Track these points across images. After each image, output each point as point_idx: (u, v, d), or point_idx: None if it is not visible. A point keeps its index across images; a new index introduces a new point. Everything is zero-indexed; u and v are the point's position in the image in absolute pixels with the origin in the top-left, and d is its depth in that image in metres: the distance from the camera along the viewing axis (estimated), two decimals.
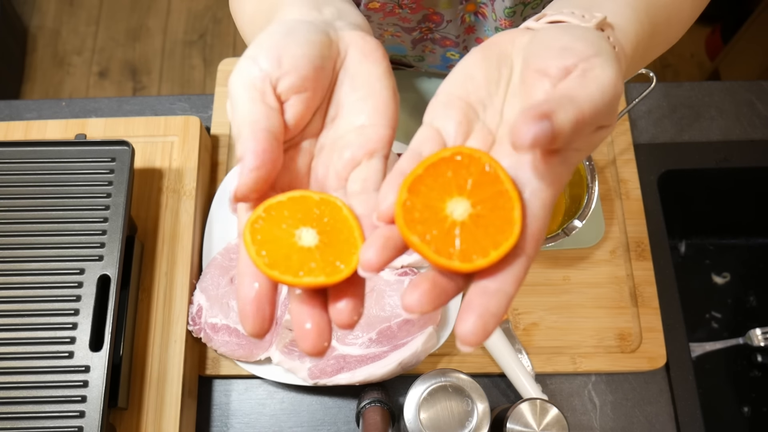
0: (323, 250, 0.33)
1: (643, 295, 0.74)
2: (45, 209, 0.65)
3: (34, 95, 1.91)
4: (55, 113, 0.84)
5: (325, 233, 0.34)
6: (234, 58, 0.86)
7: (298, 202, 0.35)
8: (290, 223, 0.34)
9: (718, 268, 0.96)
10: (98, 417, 0.57)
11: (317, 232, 0.34)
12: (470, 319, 0.30)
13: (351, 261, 0.33)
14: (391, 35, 0.73)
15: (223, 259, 0.72)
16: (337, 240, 0.34)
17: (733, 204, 0.90)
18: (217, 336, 0.68)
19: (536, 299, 0.74)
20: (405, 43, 0.74)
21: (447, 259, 0.31)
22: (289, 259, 0.33)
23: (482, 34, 0.72)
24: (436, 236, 0.31)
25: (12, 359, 0.59)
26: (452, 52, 0.76)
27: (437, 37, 0.73)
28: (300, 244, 0.33)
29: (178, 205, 0.72)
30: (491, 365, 0.71)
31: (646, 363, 0.71)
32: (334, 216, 0.34)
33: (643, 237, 0.77)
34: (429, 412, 0.58)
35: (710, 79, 1.82)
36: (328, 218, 0.34)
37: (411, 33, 0.72)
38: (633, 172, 0.80)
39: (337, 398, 0.71)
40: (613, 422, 0.71)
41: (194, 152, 0.74)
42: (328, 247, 0.33)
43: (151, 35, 2.00)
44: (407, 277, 0.70)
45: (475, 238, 0.31)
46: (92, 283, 0.62)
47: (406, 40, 0.74)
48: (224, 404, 0.71)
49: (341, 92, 0.39)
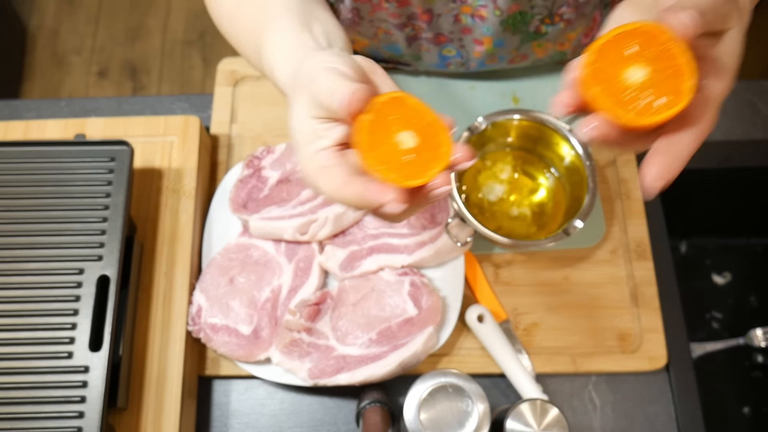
0: (419, 151, 0.40)
1: (643, 296, 0.74)
2: (44, 209, 0.65)
3: (34, 95, 1.91)
4: (54, 113, 0.84)
5: (421, 136, 0.40)
6: (233, 58, 0.86)
7: (398, 104, 0.41)
8: (393, 127, 0.41)
9: (718, 268, 0.96)
10: (98, 417, 0.57)
11: (415, 134, 0.40)
12: (656, 163, 0.37)
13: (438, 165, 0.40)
14: (384, 33, 0.73)
15: (223, 259, 0.72)
16: (431, 143, 0.40)
17: (734, 204, 0.90)
18: (217, 336, 0.68)
19: (536, 299, 0.74)
20: (399, 41, 0.74)
21: (623, 113, 0.37)
22: (392, 159, 0.40)
23: (480, 35, 0.72)
24: (617, 96, 0.37)
25: (11, 359, 0.59)
26: (449, 49, 0.75)
27: (431, 36, 0.73)
28: (400, 146, 0.40)
29: (178, 205, 0.72)
30: (491, 365, 0.71)
31: (646, 363, 0.71)
32: (427, 120, 0.41)
33: (643, 237, 0.77)
34: (429, 412, 0.58)
35: None
36: (422, 122, 0.41)
37: (403, 30, 0.72)
38: (633, 172, 0.80)
39: (337, 398, 0.71)
40: (613, 422, 0.70)
41: (194, 152, 0.74)
42: (423, 150, 0.40)
43: (151, 35, 2.00)
44: (407, 277, 0.70)
45: (652, 95, 0.37)
46: (92, 284, 0.62)
47: (399, 39, 0.73)
48: (224, 404, 0.71)
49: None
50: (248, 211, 0.72)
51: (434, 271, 0.72)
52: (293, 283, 0.70)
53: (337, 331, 0.68)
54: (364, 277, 0.71)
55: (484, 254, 0.76)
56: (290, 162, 0.76)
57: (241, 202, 0.73)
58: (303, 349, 0.67)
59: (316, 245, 0.72)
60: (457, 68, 0.80)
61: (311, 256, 0.72)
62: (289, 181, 0.75)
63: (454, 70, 0.81)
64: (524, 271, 0.76)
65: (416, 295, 0.69)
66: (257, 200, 0.74)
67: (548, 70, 0.84)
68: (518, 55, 0.77)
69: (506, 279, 0.75)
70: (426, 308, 0.68)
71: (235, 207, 0.73)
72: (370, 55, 0.81)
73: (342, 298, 0.70)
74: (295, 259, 0.72)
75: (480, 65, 0.79)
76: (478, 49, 0.74)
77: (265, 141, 0.81)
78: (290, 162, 0.76)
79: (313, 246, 0.72)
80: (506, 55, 0.76)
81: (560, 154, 0.75)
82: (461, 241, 0.70)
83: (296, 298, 0.70)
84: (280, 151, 0.76)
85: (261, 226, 0.71)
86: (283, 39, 0.52)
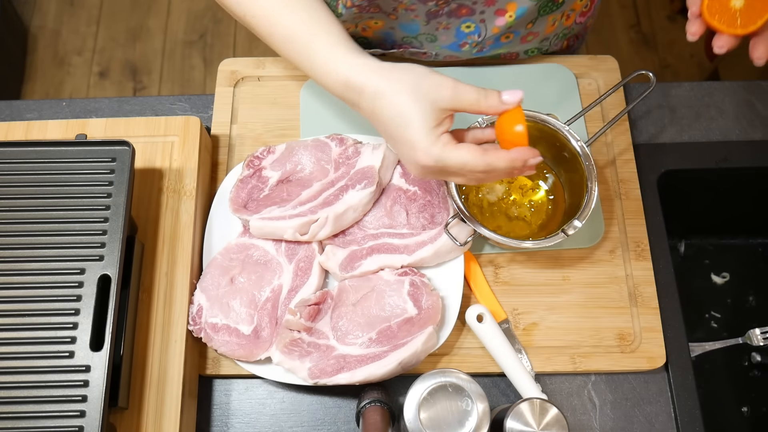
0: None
1: (642, 295, 0.74)
2: (45, 209, 0.65)
3: (35, 95, 1.91)
4: (55, 113, 0.84)
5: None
6: (234, 59, 0.86)
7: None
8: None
9: (717, 268, 0.96)
10: (98, 417, 0.57)
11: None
12: (760, 45, 0.60)
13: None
14: (405, 8, 0.73)
15: (224, 259, 0.72)
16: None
17: (733, 204, 0.90)
18: (218, 336, 0.68)
19: (536, 299, 0.75)
20: (419, 17, 0.74)
21: (733, 29, 0.59)
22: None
23: (503, 4, 0.73)
24: (725, 17, 0.59)
25: (12, 359, 0.59)
26: (468, 23, 0.76)
27: (453, 8, 0.73)
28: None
29: (179, 205, 0.72)
30: (491, 365, 0.71)
31: (645, 363, 0.71)
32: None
33: (642, 237, 0.77)
34: (429, 411, 0.58)
35: (710, 79, 1.82)
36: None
37: (426, 3, 0.72)
38: (633, 172, 0.80)
39: (337, 398, 0.71)
40: (612, 422, 0.71)
41: (194, 152, 0.75)
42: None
43: (152, 35, 2.00)
44: (407, 277, 0.70)
45: (748, 15, 0.59)
46: (93, 283, 0.62)
47: (420, 13, 0.74)
48: (224, 404, 0.71)
49: None
50: (248, 211, 0.73)
51: (434, 271, 0.73)
52: (293, 283, 0.71)
53: (337, 330, 0.69)
54: (364, 277, 0.71)
55: (484, 254, 0.76)
56: (290, 162, 0.76)
57: (242, 202, 0.73)
58: (303, 348, 0.67)
59: (316, 245, 0.72)
60: (470, 50, 0.81)
61: (311, 256, 0.72)
62: (290, 181, 0.76)
63: (467, 53, 0.81)
64: (524, 271, 0.76)
65: (416, 295, 0.69)
66: (257, 200, 0.74)
67: (548, 71, 0.85)
68: (530, 32, 0.79)
69: (506, 279, 0.75)
70: (426, 308, 0.68)
71: (235, 207, 0.73)
72: (382, 39, 0.82)
73: (342, 298, 0.70)
74: (295, 259, 0.72)
75: (495, 45, 0.80)
76: (499, 22, 0.76)
77: (266, 141, 0.82)
78: (290, 162, 0.76)
79: (314, 246, 0.72)
80: (521, 30, 0.78)
81: (560, 154, 0.75)
82: (461, 241, 0.70)
83: (296, 298, 0.70)
84: (281, 151, 0.77)
85: (261, 226, 0.71)
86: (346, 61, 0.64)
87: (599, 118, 0.83)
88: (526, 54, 0.85)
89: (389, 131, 0.61)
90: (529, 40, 0.82)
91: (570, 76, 0.85)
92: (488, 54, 0.82)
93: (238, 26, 1.98)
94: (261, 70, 0.86)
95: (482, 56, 0.82)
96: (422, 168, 0.60)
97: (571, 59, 0.86)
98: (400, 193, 0.74)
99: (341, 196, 0.72)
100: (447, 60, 0.84)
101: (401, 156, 0.62)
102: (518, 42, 0.81)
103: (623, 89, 0.85)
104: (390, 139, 0.62)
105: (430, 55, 0.83)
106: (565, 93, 0.84)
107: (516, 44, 0.82)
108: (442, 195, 0.74)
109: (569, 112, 0.80)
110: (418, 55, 0.83)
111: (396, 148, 0.62)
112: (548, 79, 0.84)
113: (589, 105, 0.73)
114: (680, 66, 1.94)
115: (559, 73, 0.85)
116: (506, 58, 0.85)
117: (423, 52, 0.83)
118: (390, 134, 0.61)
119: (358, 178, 0.72)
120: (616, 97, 0.84)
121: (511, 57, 0.85)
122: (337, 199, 0.71)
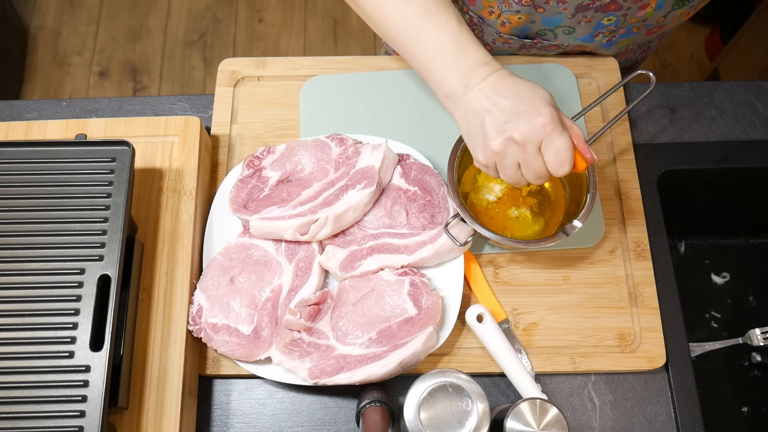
0: None
1: (642, 295, 0.74)
2: (45, 209, 0.65)
3: (35, 95, 1.91)
4: (55, 113, 0.84)
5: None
6: (234, 59, 0.86)
7: None
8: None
9: (717, 268, 0.96)
10: (98, 417, 0.57)
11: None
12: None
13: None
14: (558, 1, 0.75)
15: (223, 259, 0.72)
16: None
17: (733, 204, 0.90)
18: (218, 336, 0.68)
19: (536, 299, 0.75)
20: (569, 9, 0.76)
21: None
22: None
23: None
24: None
25: (13, 359, 0.59)
26: (610, 17, 0.77)
27: (605, 3, 0.74)
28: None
29: (179, 205, 0.72)
30: (491, 365, 0.71)
31: (645, 363, 0.71)
32: None
33: (642, 237, 0.77)
34: (429, 411, 0.58)
35: (710, 79, 1.82)
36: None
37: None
38: (633, 172, 0.80)
39: (337, 398, 0.71)
40: (612, 422, 0.71)
41: (194, 152, 0.75)
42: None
43: (152, 35, 2.00)
44: (407, 277, 0.70)
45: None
46: (93, 283, 0.62)
47: (570, 6, 0.75)
48: (224, 404, 0.71)
49: None
50: (248, 211, 0.73)
51: (434, 271, 0.73)
52: (293, 283, 0.71)
53: (337, 330, 0.69)
54: (364, 277, 0.71)
55: (484, 254, 0.76)
56: (290, 162, 0.76)
57: (242, 202, 0.73)
58: (303, 348, 0.67)
59: (316, 245, 0.72)
60: (601, 39, 0.82)
61: (311, 256, 0.72)
62: (290, 181, 0.76)
63: (598, 42, 0.83)
64: (524, 271, 0.76)
65: (416, 295, 0.69)
66: (257, 200, 0.74)
67: (548, 71, 0.85)
68: (658, 25, 0.81)
69: (506, 279, 0.75)
70: (426, 308, 0.68)
71: (235, 207, 0.73)
72: (517, 34, 0.83)
73: (342, 298, 0.70)
74: (295, 259, 0.72)
75: (625, 35, 0.82)
76: (639, 14, 0.77)
77: (266, 141, 0.82)
78: (290, 162, 0.76)
79: (314, 246, 0.72)
80: (653, 22, 0.80)
81: None
82: (461, 241, 0.70)
83: (296, 298, 0.70)
84: (281, 151, 0.77)
85: (261, 226, 0.71)
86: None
87: (599, 118, 0.84)
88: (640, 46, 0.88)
89: (517, 86, 0.63)
90: (653, 32, 0.83)
91: (570, 76, 0.85)
92: (616, 42, 0.84)
93: (238, 26, 1.98)
94: (261, 70, 0.86)
95: (610, 45, 0.84)
96: (539, 116, 0.60)
97: (571, 59, 0.86)
98: (400, 193, 0.74)
99: (341, 196, 0.72)
100: (569, 50, 0.86)
101: (522, 105, 0.62)
102: (644, 33, 0.83)
103: (623, 89, 0.85)
104: (514, 95, 0.62)
105: (561, 46, 0.84)
106: (565, 93, 0.84)
107: (641, 35, 0.83)
108: (442, 195, 0.74)
109: (569, 112, 0.80)
110: (548, 47, 0.84)
111: (515, 99, 0.62)
112: (548, 79, 0.84)
113: (589, 105, 0.73)
114: (680, 66, 1.94)
115: (559, 73, 0.85)
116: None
117: (554, 45, 0.84)
118: (517, 88, 0.63)
119: (358, 178, 0.72)
120: (616, 97, 0.84)
121: (628, 48, 0.87)
122: (337, 199, 0.71)
